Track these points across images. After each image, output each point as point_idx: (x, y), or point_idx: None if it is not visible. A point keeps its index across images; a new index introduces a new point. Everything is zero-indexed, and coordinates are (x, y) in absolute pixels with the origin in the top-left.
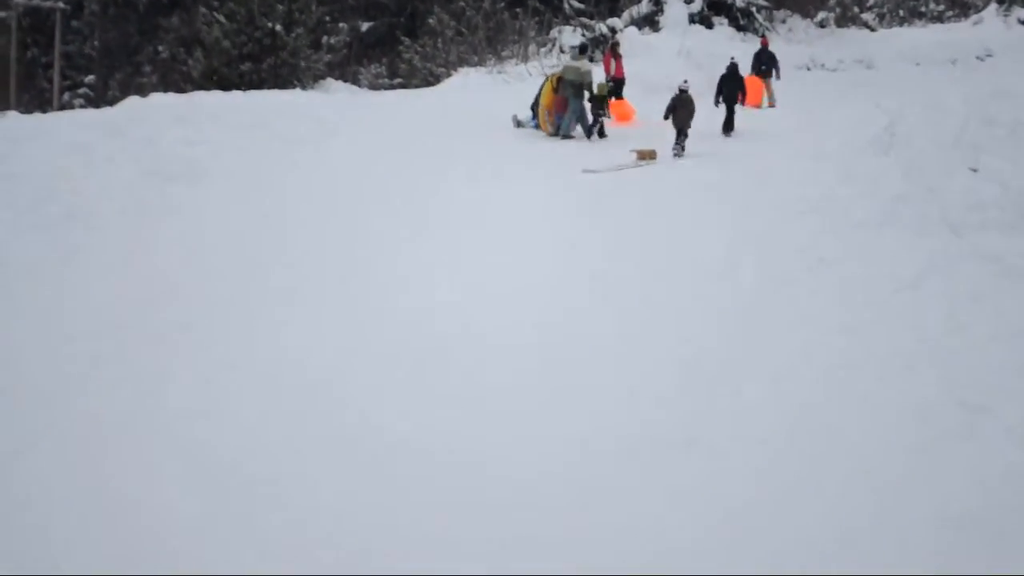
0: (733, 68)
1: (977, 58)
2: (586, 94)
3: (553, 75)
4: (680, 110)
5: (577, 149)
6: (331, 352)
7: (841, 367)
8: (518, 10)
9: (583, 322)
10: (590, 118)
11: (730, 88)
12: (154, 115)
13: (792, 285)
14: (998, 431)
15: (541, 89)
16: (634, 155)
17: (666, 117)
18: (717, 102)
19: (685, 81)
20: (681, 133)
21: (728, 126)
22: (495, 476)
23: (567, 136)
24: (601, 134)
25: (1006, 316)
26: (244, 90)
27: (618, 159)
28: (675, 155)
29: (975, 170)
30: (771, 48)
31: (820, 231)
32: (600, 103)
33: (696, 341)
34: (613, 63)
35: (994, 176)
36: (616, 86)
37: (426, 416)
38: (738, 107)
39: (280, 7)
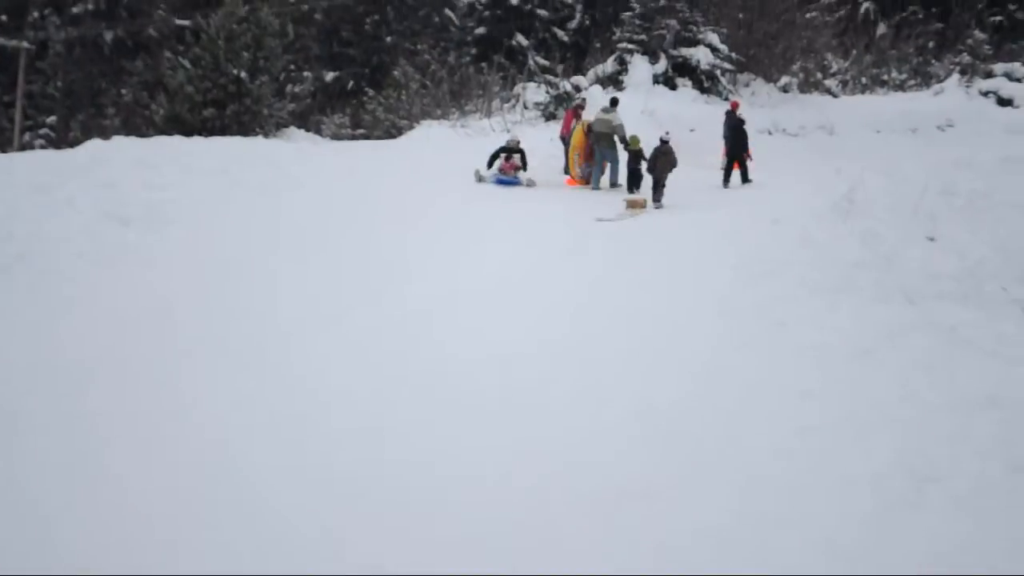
0: (738, 123)
1: (938, 128)
2: (619, 146)
3: (585, 121)
4: (660, 161)
5: (542, 197)
6: (283, 409)
7: (796, 432)
8: (483, 65)
9: (539, 378)
10: (622, 171)
11: (733, 142)
12: (116, 158)
13: (750, 348)
14: (948, 501)
15: (569, 141)
16: (624, 205)
17: (649, 169)
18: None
19: (667, 133)
20: (659, 184)
21: (727, 177)
22: (451, 534)
23: (596, 188)
24: (633, 188)
25: (958, 386)
26: (206, 136)
27: (579, 212)
28: (655, 206)
29: (933, 239)
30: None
31: (779, 295)
32: (637, 158)
33: (652, 399)
34: (574, 122)
35: (951, 246)
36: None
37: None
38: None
39: (246, 54)
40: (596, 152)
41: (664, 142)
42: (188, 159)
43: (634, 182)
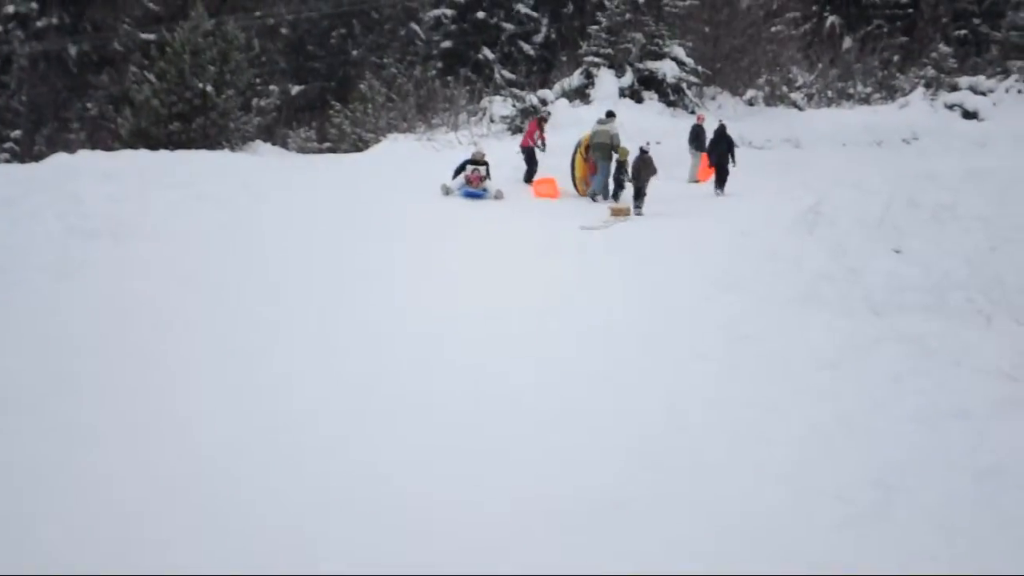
0: (721, 130)
1: (903, 140)
2: (614, 156)
3: (581, 144)
4: (643, 170)
5: (511, 209)
6: (241, 434)
7: (761, 443)
8: (449, 79)
9: (511, 392)
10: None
11: (720, 150)
12: (81, 172)
13: (716, 360)
14: (914, 512)
15: (573, 160)
16: (608, 213)
17: (633, 177)
18: (711, 163)
19: (647, 143)
20: (640, 193)
21: (720, 183)
22: (441, 547)
23: (595, 198)
24: (616, 197)
25: (925, 397)
26: (172, 149)
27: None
28: (636, 213)
29: (898, 252)
30: (705, 126)
31: (744, 307)
32: (622, 168)
33: (619, 412)
34: (537, 132)
35: (916, 258)
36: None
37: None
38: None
39: (211, 68)
40: (599, 165)
41: (644, 151)
42: (154, 173)
43: (617, 191)
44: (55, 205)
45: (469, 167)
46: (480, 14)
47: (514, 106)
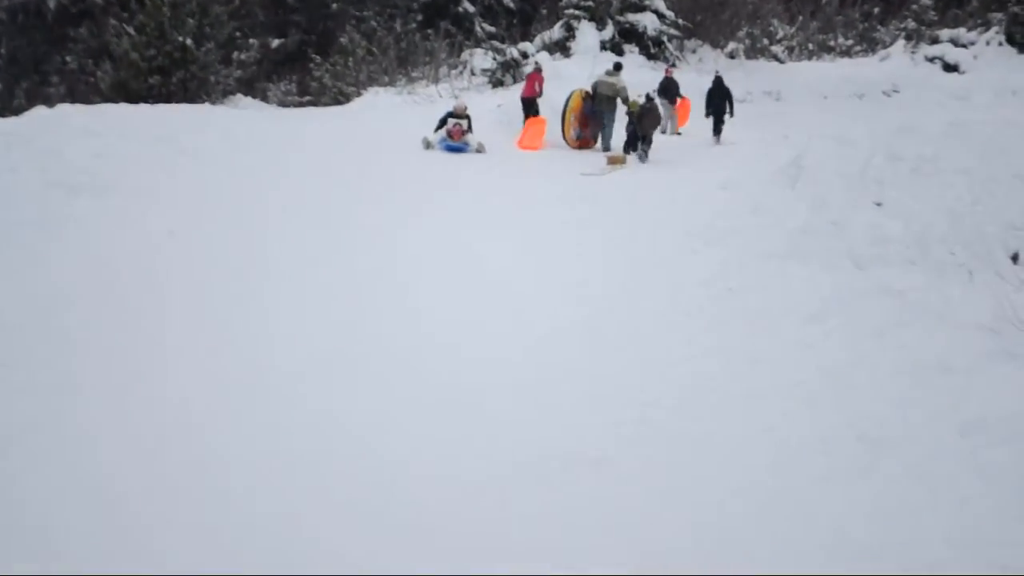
0: (718, 81)
1: (884, 93)
2: (621, 108)
3: (581, 89)
4: (645, 118)
5: (500, 161)
6: (225, 382)
7: (745, 397)
8: (429, 32)
9: (493, 345)
10: (618, 134)
11: (717, 100)
12: (60, 126)
13: (699, 314)
14: (896, 466)
15: (564, 113)
16: (604, 161)
17: (636, 123)
18: (707, 113)
19: (651, 92)
20: (645, 139)
21: (716, 133)
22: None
23: (608, 149)
24: (634, 149)
25: (907, 351)
26: (152, 103)
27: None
28: (640, 159)
29: (879, 204)
30: (675, 77)
31: (727, 261)
32: (632, 120)
33: (600, 365)
34: (537, 84)
35: (898, 211)
36: (528, 105)
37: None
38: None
39: (191, 21)
40: (598, 114)
41: (650, 99)
42: (134, 127)
43: (631, 143)
44: (35, 160)
45: (451, 121)
46: None
47: (495, 59)
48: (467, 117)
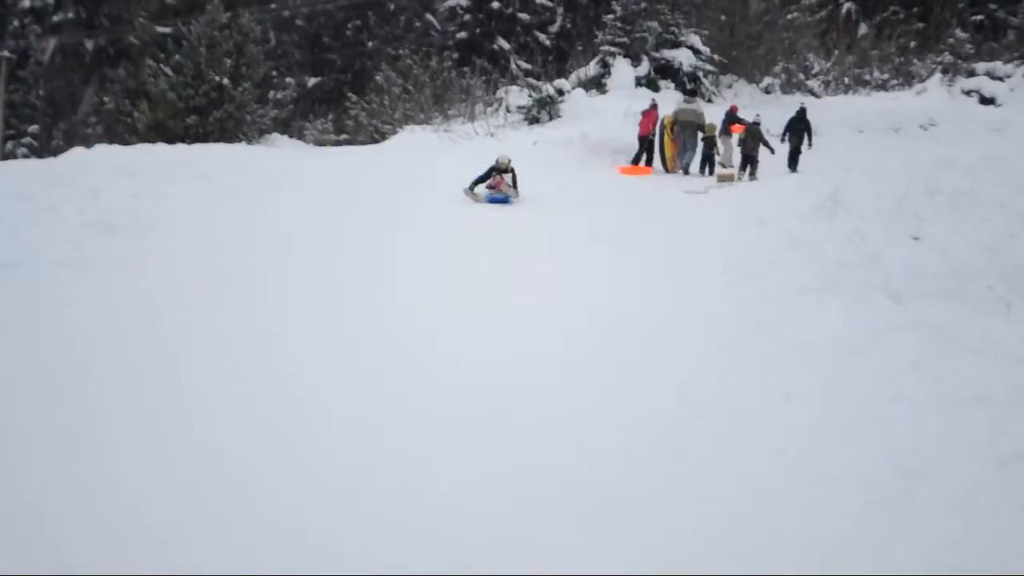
0: (802, 112)
1: (920, 127)
2: (699, 134)
3: (666, 125)
4: (749, 140)
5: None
6: (272, 415)
7: (783, 433)
8: (465, 69)
9: (528, 372)
10: (697, 157)
11: (797, 130)
12: (98, 166)
13: (735, 349)
14: (936, 499)
15: (661, 140)
16: (715, 178)
17: (740, 145)
18: (783, 139)
19: (758, 115)
20: (748, 159)
21: (793, 163)
22: (464, 524)
23: (687, 171)
24: (711, 171)
25: (945, 384)
26: (189, 143)
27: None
28: (750, 180)
29: (917, 239)
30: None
31: (764, 295)
32: (710, 143)
33: (639, 401)
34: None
35: (935, 245)
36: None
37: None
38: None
39: (227, 61)
40: (681, 140)
41: (756, 123)
42: (171, 166)
43: (708, 166)
44: (73, 200)
45: (495, 174)
46: (495, 4)
47: (530, 96)
48: (511, 171)
